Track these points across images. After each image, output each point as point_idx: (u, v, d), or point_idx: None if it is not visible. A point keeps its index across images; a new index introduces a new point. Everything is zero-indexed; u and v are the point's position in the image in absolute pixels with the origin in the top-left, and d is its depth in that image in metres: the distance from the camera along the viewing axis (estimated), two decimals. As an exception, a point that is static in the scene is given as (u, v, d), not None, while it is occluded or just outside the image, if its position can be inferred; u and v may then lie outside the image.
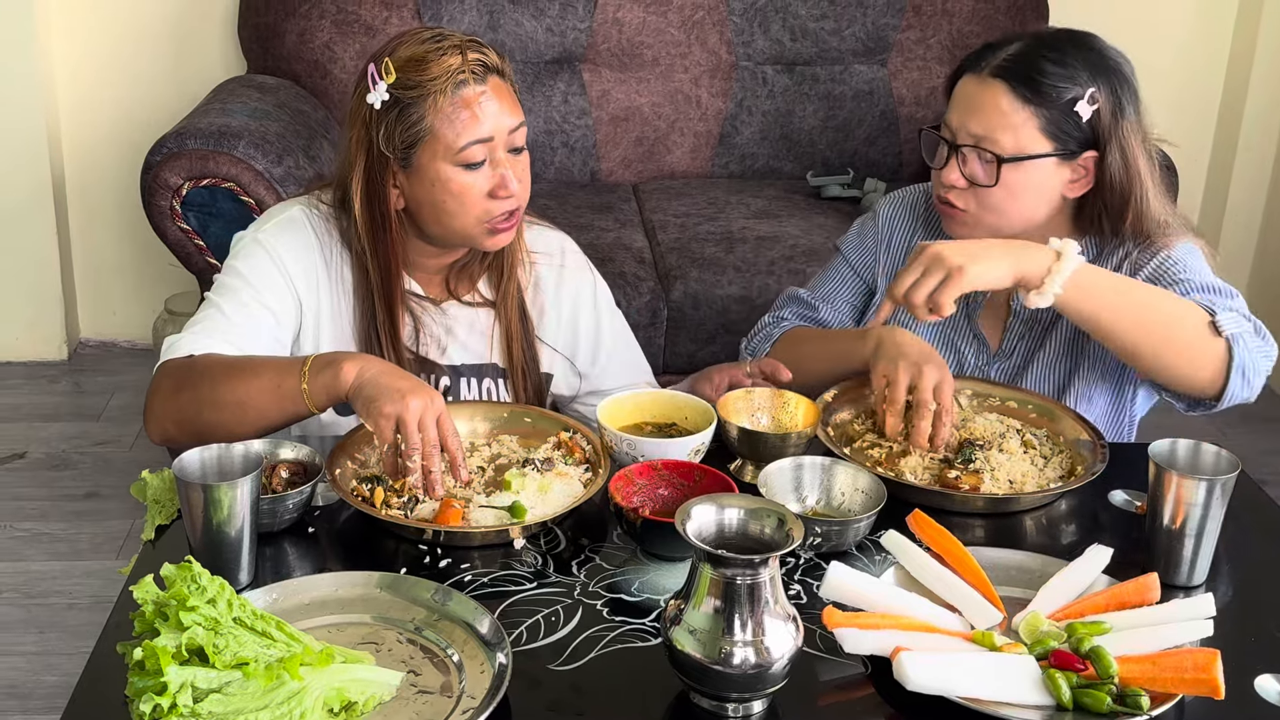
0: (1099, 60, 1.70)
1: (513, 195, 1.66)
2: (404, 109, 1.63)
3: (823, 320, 1.92)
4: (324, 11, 3.15)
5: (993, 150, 1.69)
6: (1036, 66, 1.67)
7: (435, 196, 1.66)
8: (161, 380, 1.60)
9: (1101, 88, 1.68)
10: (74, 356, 3.60)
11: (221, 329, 1.65)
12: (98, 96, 3.47)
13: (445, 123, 1.62)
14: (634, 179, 3.37)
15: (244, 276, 1.69)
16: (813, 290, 1.95)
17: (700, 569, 1.16)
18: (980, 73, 1.71)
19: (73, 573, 2.62)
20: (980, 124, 1.70)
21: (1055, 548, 1.49)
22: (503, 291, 1.79)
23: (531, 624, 1.30)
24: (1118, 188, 1.71)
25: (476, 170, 1.65)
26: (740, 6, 3.31)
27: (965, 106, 1.72)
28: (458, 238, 1.71)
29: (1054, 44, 1.70)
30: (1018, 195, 1.71)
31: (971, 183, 1.72)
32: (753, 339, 1.95)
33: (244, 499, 1.32)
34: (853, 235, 1.96)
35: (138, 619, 1.17)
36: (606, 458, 1.55)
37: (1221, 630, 1.28)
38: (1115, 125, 1.69)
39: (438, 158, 1.64)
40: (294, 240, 1.72)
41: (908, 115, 3.38)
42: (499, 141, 1.65)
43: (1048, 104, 1.68)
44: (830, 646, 1.27)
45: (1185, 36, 3.70)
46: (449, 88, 1.61)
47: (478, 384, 1.80)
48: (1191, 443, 1.44)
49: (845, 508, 1.50)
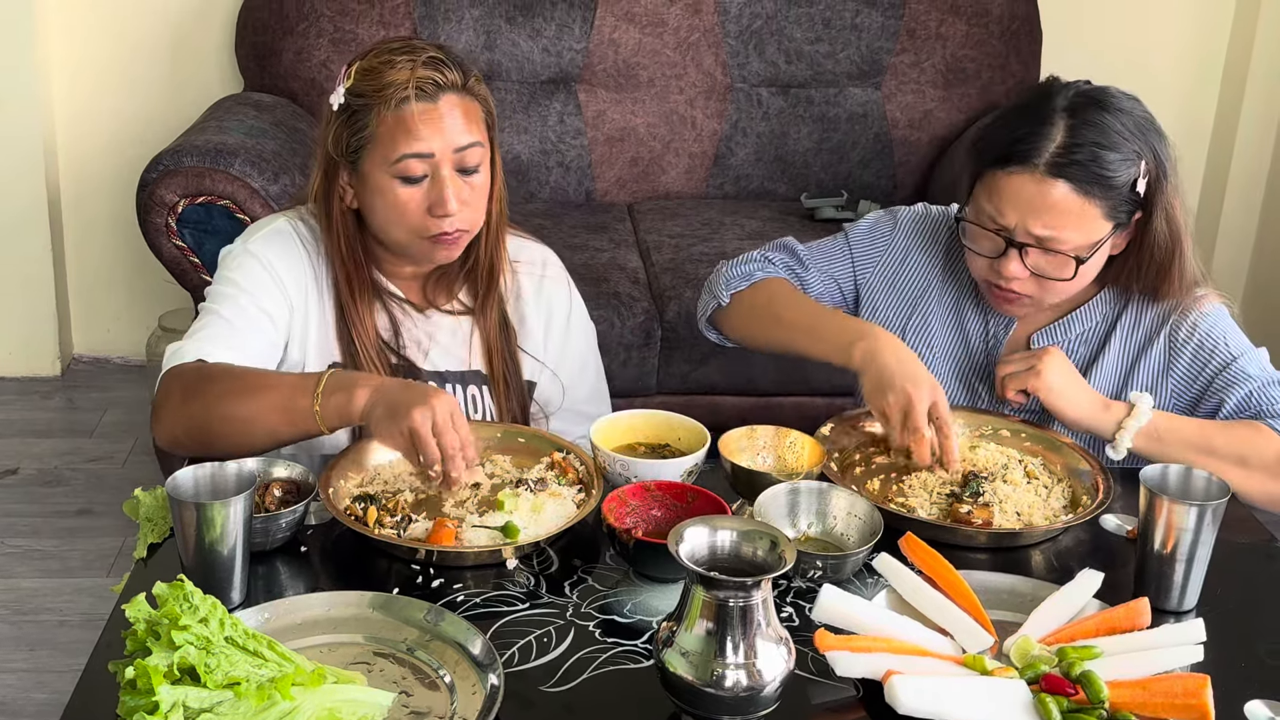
0: (1137, 126, 1.65)
1: (450, 215, 1.67)
2: (353, 114, 1.67)
3: (808, 284, 1.89)
4: (321, 30, 3.16)
5: (1059, 249, 1.65)
6: (1097, 159, 1.62)
7: (376, 203, 1.69)
8: (171, 386, 1.60)
9: (1146, 156, 1.65)
10: (67, 372, 3.60)
11: (225, 334, 1.65)
12: (95, 112, 3.48)
13: (386, 134, 1.65)
14: (629, 199, 3.39)
15: (239, 284, 1.70)
16: (809, 251, 1.92)
17: (693, 591, 1.16)
18: (1034, 171, 1.63)
19: (64, 590, 2.62)
20: (1045, 224, 1.64)
21: (1046, 572, 1.49)
22: (481, 301, 1.81)
23: (524, 645, 1.30)
24: (1163, 250, 1.70)
25: (415, 184, 1.67)
26: (735, 29, 3.33)
27: (1027, 208, 1.64)
28: (399, 248, 1.73)
29: (1096, 123, 1.63)
30: (1082, 277, 1.70)
31: (1034, 274, 1.68)
32: (733, 268, 1.90)
33: (237, 518, 1.32)
34: (863, 230, 1.92)
35: (129, 637, 1.16)
36: (600, 478, 1.56)
37: (1211, 655, 1.29)
38: (1160, 188, 1.67)
39: (377, 166, 1.67)
40: (282, 249, 1.74)
41: (901, 138, 3.40)
42: (442, 159, 1.66)
43: (1112, 194, 1.64)
44: (822, 669, 1.27)
45: (1180, 50, 3.72)
46: (393, 101, 1.64)
47: (461, 390, 1.80)
48: (1182, 468, 1.45)
49: (841, 533, 1.50)
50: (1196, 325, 1.75)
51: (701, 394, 2.83)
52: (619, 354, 2.72)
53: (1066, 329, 1.80)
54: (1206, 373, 1.73)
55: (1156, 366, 1.76)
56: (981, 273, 1.74)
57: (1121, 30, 3.66)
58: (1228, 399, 1.71)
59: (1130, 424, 1.67)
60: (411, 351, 1.79)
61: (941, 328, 1.86)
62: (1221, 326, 1.75)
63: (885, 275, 1.89)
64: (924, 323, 1.86)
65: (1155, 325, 1.77)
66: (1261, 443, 1.66)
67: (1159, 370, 1.76)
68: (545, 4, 3.25)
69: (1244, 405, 1.70)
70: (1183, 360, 1.75)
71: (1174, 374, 1.75)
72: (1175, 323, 1.76)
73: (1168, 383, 1.76)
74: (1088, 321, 1.80)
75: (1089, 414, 1.70)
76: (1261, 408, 1.69)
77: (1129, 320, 1.78)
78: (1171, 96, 3.72)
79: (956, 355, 1.85)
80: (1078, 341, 1.80)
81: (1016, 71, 3.42)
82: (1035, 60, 3.46)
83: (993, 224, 1.69)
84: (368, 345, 1.75)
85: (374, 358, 1.75)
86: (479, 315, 1.82)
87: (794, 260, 1.91)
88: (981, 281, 1.76)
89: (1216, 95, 3.76)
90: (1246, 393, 1.70)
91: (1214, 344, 1.74)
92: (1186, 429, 1.68)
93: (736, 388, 2.83)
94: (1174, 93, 3.73)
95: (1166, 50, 3.71)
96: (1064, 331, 1.80)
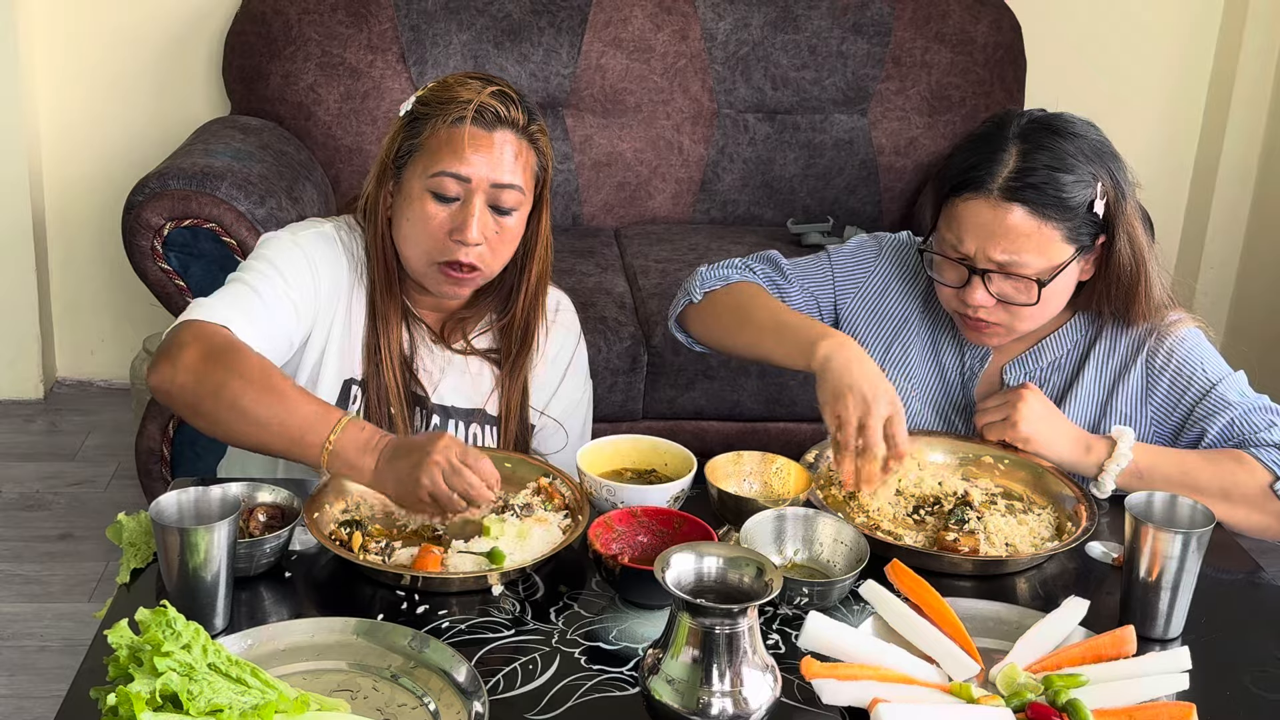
0: (1091, 149, 1.67)
1: (468, 244, 1.67)
2: (414, 121, 1.71)
3: (788, 296, 1.88)
4: (309, 54, 3.17)
5: (1021, 272, 1.66)
6: (1051, 181, 1.63)
7: (405, 213, 1.70)
8: (192, 339, 1.54)
9: (1103, 178, 1.66)
10: (50, 395, 3.58)
11: (253, 307, 1.63)
12: (80, 135, 3.47)
13: (435, 146, 1.68)
14: (616, 224, 3.39)
15: (277, 267, 1.68)
16: (792, 266, 1.91)
17: (679, 618, 1.16)
18: (989, 196, 1.65)
19: (45, 615, 2.59)
20: (1004, 249, 1.65)
21: (1032, 599, 1.49)
22: (514, 360, 1.81)
23: (509, 672, 1.29)
24: (1127, 272, 1.71)
25: (446, 204, 1.68)
26: (722, 55, 3.35)
27: (984, 233, 1.65)
28: (416, 271, 1.73)
29: (1049, 147, 1.65)
30: (1050, 302, 1.70)
31: (999, 300, 1.69)
32: (712, 270, 1.89)
33: (221, 543, 1.31)
34: (846, 252, 1.91)
35: (112, 664, 1.16)
36: (586, 504, 1.55)
37: (1197, 684, 1.29)
38: (1120, 210, 1.68)
39: (417, 175, 1.69)
40: (327, 251, 1.74)
41: (887, 164, 3.42)
42: (478, 187, 1.67)
43: (1069, 215, 1.65)
44: (808, 697, 1.26)
45: (1163, 78, 3.75)
46: (451, 116, 1.66)
47: (464, 427, 1.80)
48: (1167, 495, 1.45)
49: (827, 559, 1.50)
50: (1173, 351, 1.75)
51: (688, 419, 2.83)
52: (605, 378, 2.72)
53: (1039, 357, 1.80)
54: (1186, 400, 1.74)
55: (1135, 393, 1.77)
56: (950, 303, 1.75)
57: (1105, 58, 3.69)
58: (1210, 428, 1.71)
59: (1111, 466, 1.67)
60: (423, 380, 1.79)
61: (920, 360, 1.86)
62: (1199, 351, 1.76)
63: (866, 303, 1.89)
64: (903, 354, 1.86)
65: (1131, 351, 1.77)
66: (1244, 475, 1.66)
67: (1138, 397, 1.76)
68: (533, 29, 3.26)
69: (1226, 433, 1.70)
70: (1161, 386, 1.75)
71: (1153, 401, 1.76)
72: (1152, 348, 1.76)
73: (1147, 410, 1.76)
74: (1059, 348, 1.80)
75: (1070, 456, 1.70)
76: (1244, 435, 1.69)
77: (1104, 347, 1.78)
78: (1155, 124, 3.76)
79: (933, 388, 1.85)
80: (1051, 369, 1.80)
81: (1001, 99, 3.44)
82: (1020, 88, 3.48)
83: (955, 253, 1.70)
84: (393, 360, 1.74)
85: (396, 375, 1.74)
86: (507, 372, 1.81)
87: (777, 273, 1.90)
88: (953, 313, 1.77)
89: (1200, 121, 3.79)
90: (1228, 420, 1.70)
91: (1192, 370, 1.74)
92: (1168, 466, 1.67)
93: (722, 413, 2.83)
94: (1158, 120, 3.76)
95: (1150, 78, 3.74)
96: (1036, 360, 1.80)
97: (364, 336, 1.76)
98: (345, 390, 1.75)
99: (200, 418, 1.53)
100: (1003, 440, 1.72)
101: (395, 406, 1.75)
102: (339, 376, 1.74)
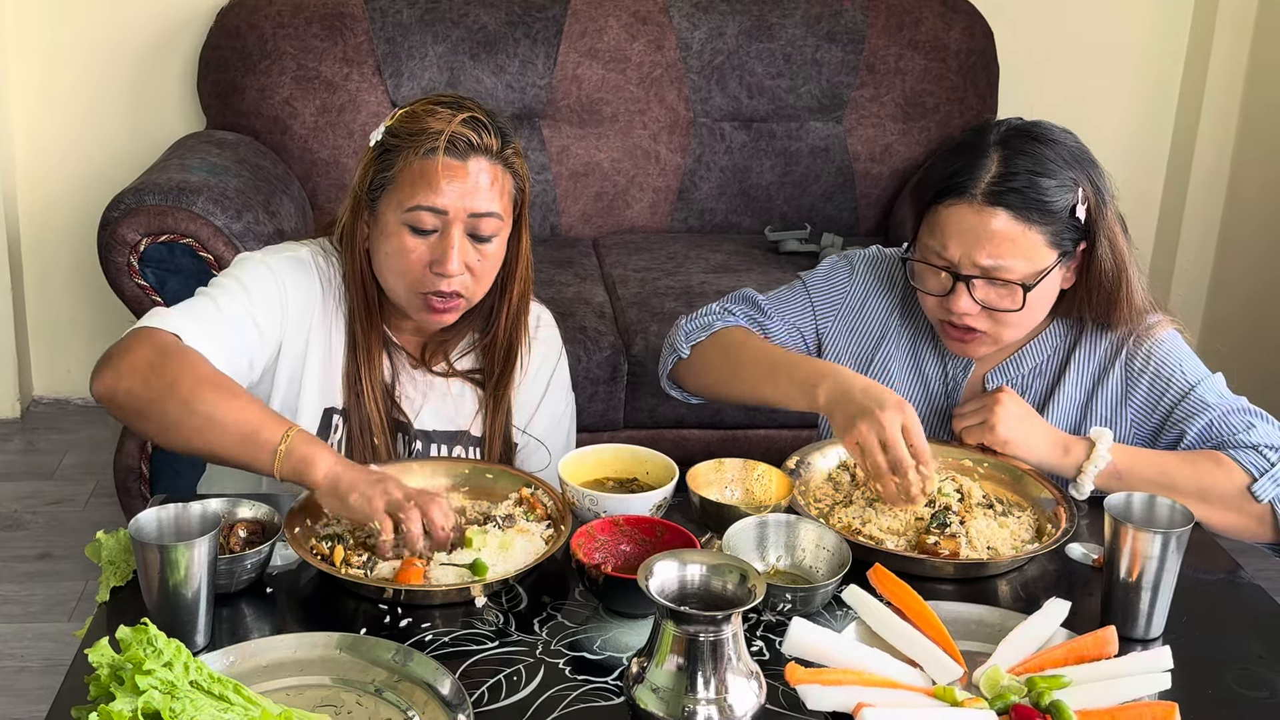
0: (1070, 154, 1.68)
1: (449, 276, 1.65)
2: (385, 153, 1.68)
3: (771, 332, 1.88)
4: (284, 68, 3.16)
5: (1006, 278, 1.66)
6: (1033, 185, 1.64)
7: (382, 247, 1.68)
8: (139, 344, 1.53)
9: (1084, 184, 1.67)
10: (27, 414, 3.56)
11: (211, 319, 1.61)
12: (56, 152, 3.46)
13: (408, 179, 1.65)
14: (594, 234, 3.39)
15: (245, 287, 1.67)
16: (769, 300, 1.91)
17: (663, 626, 1.16)
18: (972, 201, 1.65)
19: (24, 635, 2.57)
20: (988, 254, 1.65)
21: (1013, 601, 1.50)
22: (496, 381, 1.79)
23: (493, 684, 1.29)
24: (1109, 278, 1.71)
25: (423, 236, 1.65)
26: (698, 64, 3.36)
27: (969, 238, 1.66)
28: (398, 299, 1.71)
29: (1030, 152, 1.66)
30: (1034, 309, 1.71)
31: (984, 307, 1.69)
32: (692, 320, 1.89)
33: (201, 560, 1.30)
34: (820, 276, 1.92)
35: (93, 683, 1.15)
36: (568, 514, 1.55)
37: (1179, 683, 1.30)
38: (1101, 216, 1.69)
39: (392, 209, 1.66)
40: (299, 277, 1.73)
41: (863, 171, 3.43)
42: (455, 218, 1.65)
43: (1052, 219, 1.65)
44: (793, 703, 1.26)
45: (1135, 83, 3.78)
46: (422, 148, 1.63)
47: (448, 450, 1.79)
48: (1146, 496, 1.46)
49: (809, 565, 1.50)
50: (1151, 353, 1.76)
51: (669, 428, 2.83)
52: (586, 388, 2.72)
53: (1019, 364, 1.81)
54: (1165, 401, 1.75)
55: (1114, 396, 1.78)
56: (934, 312, 1.75)
57: (1077, 64, 3.71)
58: (1188, 429, 1.72)
59: (1089, 468, 1.68)
60: (405, 406, 1.78)
61: (900, 372, 1.86)
62: (1177, 354, 1.77)
63: (845, 322, 1.89)
64: (884, 367, 1.86)
65: (1110, 355, 1.78)
66: (1221, 475, 1.67)
67: (1117, 400, 1.77)
68: (508, 41, 3.27)
69: (1205, 435, 1.71)
70: (1140, 389, 1.76)
71: (1132, 403, 1.77)
72: (1130, 352, 1.77)
73: (1126, 412, 1.77)
74: (1040, 355, 1.81)
75: (1048, 458, 1.70)
76: (1223, 437, 1.70)
77: (1083, 351, 1.79)
78: (1128, 129, 3.79)
79: (915, 399, 1.85)
80: (1032, 375, 1.81)
81: (974, 105, 3.46)
82: (992, 94, 3.50)
83: (938, 260, 1.70)
84: (374, 388, 1.73)
85: (379, 403, 1.73)
86: (490, 395, 1.80)
87: (755, 310, 1.90)
88: (936, 322, 1.77)
89: (1171, 127, 3.82)
90: (1206, 422, 1.71)
91: (1170, 372, 1.75)
92: (1146, 468, 1.68)
93: (703, 421, 2.83)
94: (1130, 125, 3.79)
95: (1122, 83, 3.77)
96: (1017, 367, 1.81)
97: (344, 366, 1.74)
98: (326, 419, 1.74)
99: (147, 420, 1.50)
100: (981, 444, 1.73)
101: (379, 437, 1.73)
102: (319, 405, 1.73)
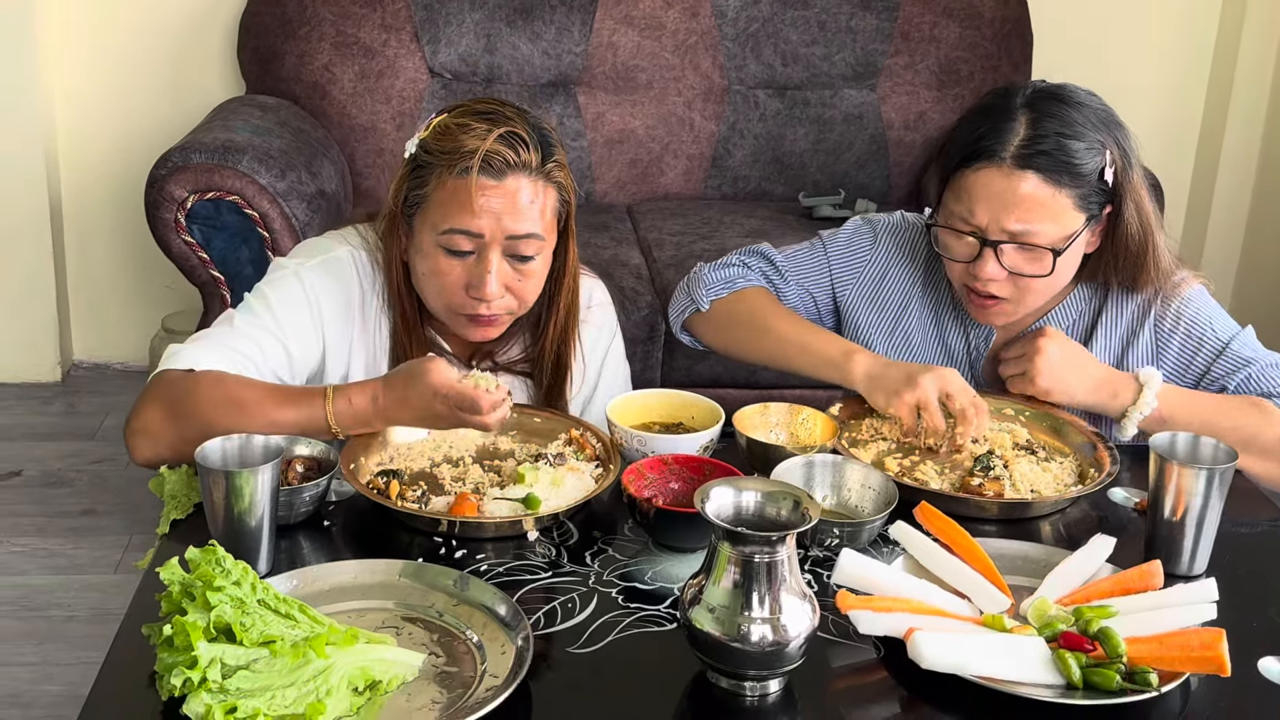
0: (1098, 117, 1.67)
1: (486, 300, 1.61)
2: (419, 169, 1.62)
3: (784, 295, 1.87)
4: (323, 34, 3.19)
5: (1034, 242, 1.65)
6: (1062, 148, 1.63)
7: (419, 266, 1.64)
8: (154, 399, 1.52)
9: (1111, 146, 1.67)
10: (67, 379, 3.60)
11: (228, 343, 1.58)
12: (96, 118, 3.50)
13: (442, 200, 1.59)
14: (628, 200, 3.41)
15: (271, 308, 1.63)
16: (785, 259, 1.91)
17: (719, 548, 1.18)
18: (1001, 165, 1.64)
19: (71, 586, 2.62)
20: (1018, 218, 1.64)
21: (1056, 543, 1.51)
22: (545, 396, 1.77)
23: (549, 610, 1.32)
24: (1135, 241, 1.71)
25: (459, 258, 1.60)
26: (732, 32, 3.37)
27: (998, 203, 1.65)
28: (439, 315, 1.68)
29: (1057, 115, 1.65)
30: (1062, 272, 1.70)
31: (1012, 272, 1.68)
32: (713, 272, 1.88)
33: (264, 487, 1.33)
34: (841, 240, 1.91)
35: (164, 599, 1.18)
36: (617, 455, 1.58)
37: (1223, 615, 1.31)
38: (1127, 179, 1.68)
39: (427, 228, 1.61)
40: (335, 283, 1.68)
41: (897, 139, 3.44)
42: (492, 241, 1.59)
43: (1080, 182, 1.65)
44: (843, 631, 1.29)
45: (1168, 49, 3.77)
46: (457, 168, 1.57)
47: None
48: (1190, 435, 1.47)
49: (855, 504, 1.52)
50: (1181, 312, 1.76)
51: (706, 386, 2.84)
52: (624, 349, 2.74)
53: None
54: (1200, 360, 1.75)
55: (1145, 358, 1.78)
56: (959, 279, 1.74)
57: (1110, 30, 3.71)
58: (1229, 384, 1.73)
59: (1134, 413, 1.69)
60: None
61: (923, 342, 1.86)
62: (1206, 311, 1.77)
63: (865, 291, 1.88)
64: (905, 338, 1.86)
65: (1138, 317, 1.78)
66: (1265, 424, 1.68)
67: (1148, 362, 1.77)
68: (545, 7, 3.29)
69: (1245, 388, 1.72)
70: (1172, 349, 1.77)
71: (1164, 364, 1.77)
72: (1159, 313, 1.77)
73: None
74: (1065, 320, 1.80)
75: (1094, 402, 1.71)
76: (1265, 389, 1.71)
77: (1110, 315, 1.79)
78: (1160, 94, 3.78)
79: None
80: None
81: (1008, 73, 3.46)
82: (1026, 61, 3.50)
83: (965, 225, 1.69)
84: None
85: None
86: (542, 402, 1.77)
87: (771, 269, 1.89)
88: (960, 288, 1.76)
89: (1204, 92, 3.81)
90: (1246, 376, 1.72)
91: (1201, 330, 1.75)
92: (1190, 415, 1.68)
93: (739, 380, 2.85)
94: (1163, 91, 3.78)
95: (1155, 49, 3.76)
96: None
97: (389, 367, 1.70)
98: None
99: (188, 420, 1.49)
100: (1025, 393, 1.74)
101: None
102: None
